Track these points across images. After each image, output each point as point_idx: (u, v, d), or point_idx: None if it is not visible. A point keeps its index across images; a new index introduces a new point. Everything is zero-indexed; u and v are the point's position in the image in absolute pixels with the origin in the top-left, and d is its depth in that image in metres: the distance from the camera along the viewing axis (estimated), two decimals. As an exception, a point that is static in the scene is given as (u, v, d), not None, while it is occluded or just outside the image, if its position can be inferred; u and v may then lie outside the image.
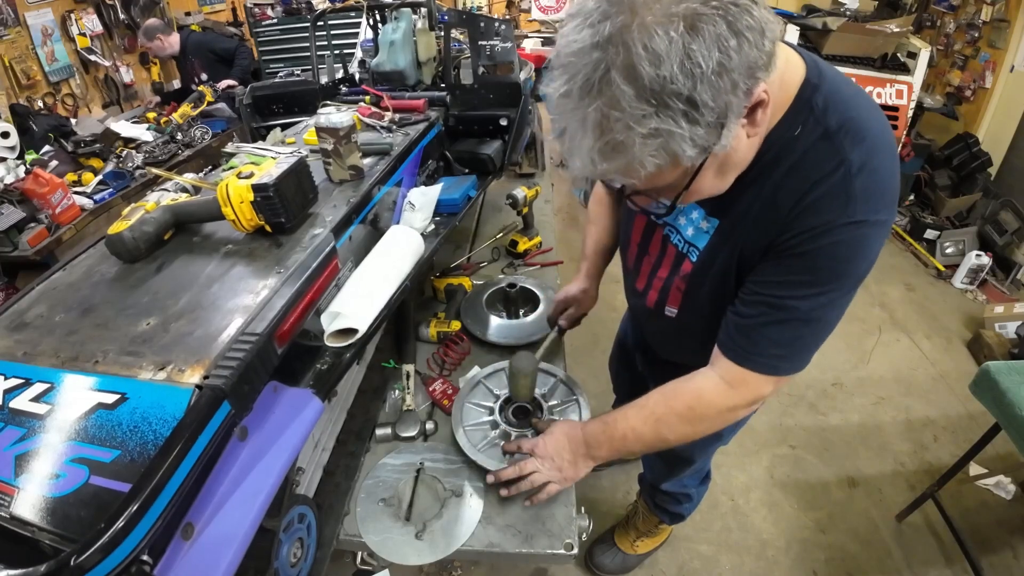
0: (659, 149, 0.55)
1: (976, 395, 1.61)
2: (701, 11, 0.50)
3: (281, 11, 4.94)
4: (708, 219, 0.83)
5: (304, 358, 0.98)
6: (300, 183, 1.01)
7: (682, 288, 0.93)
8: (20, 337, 0.83)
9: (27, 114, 3.11)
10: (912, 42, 3.01)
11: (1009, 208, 3.20)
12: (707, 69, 0.51)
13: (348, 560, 1.22)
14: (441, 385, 1.32)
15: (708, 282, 0.87)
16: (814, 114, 0.69)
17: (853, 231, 0.68)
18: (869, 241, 0.70)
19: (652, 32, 0.50)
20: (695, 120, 0.54)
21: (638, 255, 1.03)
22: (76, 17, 3.84)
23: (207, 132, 3.16)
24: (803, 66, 0.71)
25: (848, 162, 0.67)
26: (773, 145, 0.71)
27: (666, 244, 0.94)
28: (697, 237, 0.86)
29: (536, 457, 1.01)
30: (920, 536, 1.89)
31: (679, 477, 1.47)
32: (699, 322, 0.96)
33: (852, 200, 0.67)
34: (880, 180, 0.68)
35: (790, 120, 0.70)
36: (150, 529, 0.58)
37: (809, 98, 0.69)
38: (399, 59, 1.81)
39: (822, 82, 0.70)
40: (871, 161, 0.68)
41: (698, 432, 0.89)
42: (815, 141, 0.69)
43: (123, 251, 0.96)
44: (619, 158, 0.57)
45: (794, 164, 0.70)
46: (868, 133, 0.69)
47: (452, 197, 1.52)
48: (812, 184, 0.68)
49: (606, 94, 0.53)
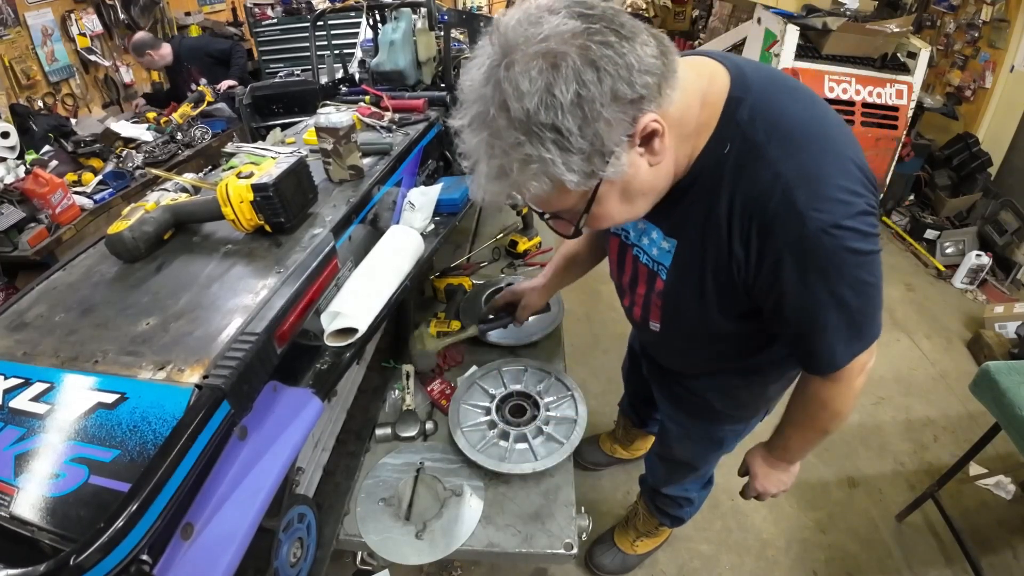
0: (538, 173, 0.61)
1: (976, 395, 1.61)
2: (560, 49, 0.56)
3: (281, 11, 4.94)
4: (667, 239, 0.85)
5: (304, 358, 0.98)
6: (300, 183, 1.01)
7: (659, 304, 0.95)
8: (20, 337, 0.83)
9: (27, 114, 3.11)
10: (912, 42, 3.01)
11: (1009, 208, 3.20)
12: (565, 100, 0.56)
13: (348, 560, 1.22)
14: (439, 385, 1.32)
15: (683, 300, 0.89)
16: (740, 129, 0.69)
17: (824, 238, 0.67)
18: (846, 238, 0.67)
19: (516, 71, 0.57)
20: (565, 148, 0.59)
21: (619, 273, 1.05)
22: (76, 17, 3.84)
23: (207, 132, 3.16)
24: (727, 81, 0.71)
25: (782, 175, 0.66)
26: (706, 166, 0.72)
27: (637, 264, 0.96)
28: (662, 256, 0.88)
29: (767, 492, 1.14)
30: (920, 536, 1.89)
31: (681, 482, 1.47)
32: (680, 336, 1.00)
33: (803, 215, 0.66)
34: (825, 185, 0.67)
35: (718, 139, 0.70)
36: (149, 529, 0.59)
37: (734, 113, 0.69)
38: (399, 59, 1.81)
39: (747, 93, 0.70)
40: (808, 169, 0.67)
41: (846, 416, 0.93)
42: (746, 156, 0.69)
43: (123, 251, 0.96)
44: (504, 180, 0.63)
45: (732, 183, 0.70)
46: (801, 139, 0.68)
47: (452, 197, 1.52)
48: (757, 206, 0.69)
49: (490, 126, 0.60)
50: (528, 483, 1.10)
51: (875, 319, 0.79)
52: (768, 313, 0.80)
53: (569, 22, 0.57)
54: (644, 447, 2.07)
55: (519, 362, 1.33)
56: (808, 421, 0.96)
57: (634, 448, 2.05)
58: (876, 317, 0.79)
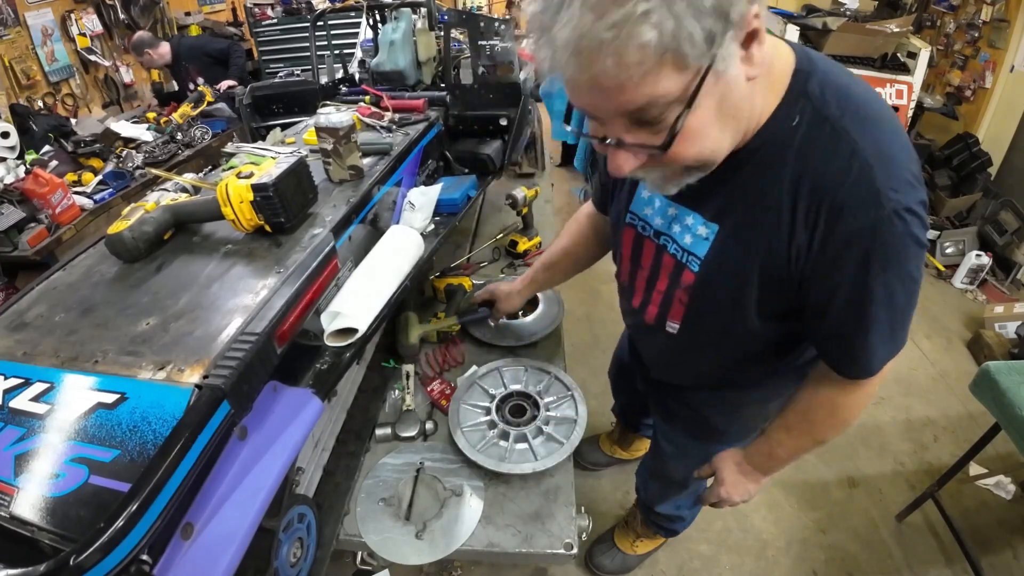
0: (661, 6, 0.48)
1: (976, 395, 1.61)
2: None
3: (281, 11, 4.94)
4: (707, 224, 0.78)
5: (304, 358, 0.98)
6: (300, 183, 1.01)
7: (684, 301, 0.87)
8: (20, 337, 0.83)
9: (27, 114, 3.11)
10: (912, 42, 3.01)
11: (1009, 208, 3.20)
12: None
13: (348, 560, 1.22)
14: (439, 385, 1.32)
15: (717, 294, 0.81)
16: (811, 101, 0.65)
17: (896, 222, 0.63)
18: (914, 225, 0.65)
19: None
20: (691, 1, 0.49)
21: (631, 271, 0.97)
22: (76, 17, 3.84)
23: (207, 132, 3.16)
24: (792, 54, 0.68)
25: (860, 151, 0.62)
26: (769, 139, 0.66)
27: (660, 255, 0.88)
28: (696, 245, 0.80)
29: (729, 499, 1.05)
30: (920, 536, 1.89)
31: (673, 500, 1.47)
32: (703, 339, 0.92)
33: (880, 193, 0.62)
34: (899, 166, 0.64)
35: (785, 110, 0.66)
36: (149, 529, 0.59)
37: (803, 85, 0.65)
38: (399, 59, 1.81)
39: (814, 68, 0.66)
40: (885, 148, 0.63)
41: (850, 425, 0.90)
42: (819, 130, 0.64)
43: (123, 251, 0.96)
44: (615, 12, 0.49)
45: (800, 158, 0.65)
46: (874, 116, 0.65)
47: (452, 197, 1.52)
48: (831, 183, 0.64)
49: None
50: (528, 483, 1.10)
51: (908, 326, 0.76)
52: (815, 307, 0.74)
53: None
54: (643, 447, 2.07)
55: (519, 362, 1.33)
56: (808, 428, 0.91)
57: (633, 449, 2.05)
58: (909, 323, 0.76)
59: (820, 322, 0.76)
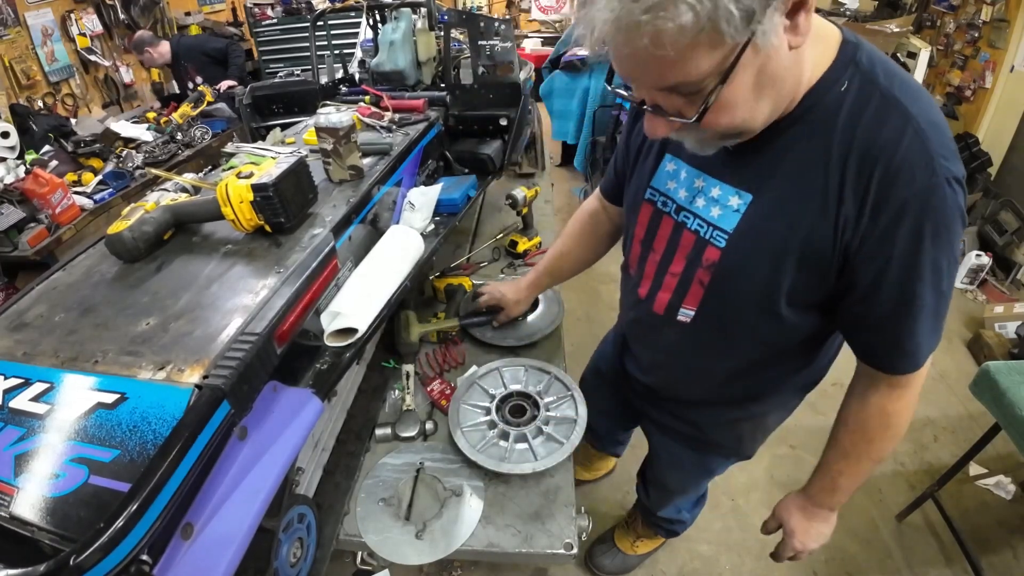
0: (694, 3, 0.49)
1: (976, 395, 1.61)
2: None
3: (281, 11, 4.95)
4: (739, 193, 0.74)
5: (304, 358, 0.97)
6: (300, 183, 1.01)
7: (705, 282, 0.82)
8: (20, 337, 0.83)
9: (27, 114, 3.11)
10: (912, 42, 3.01)
11: (1009, 208, 3.20)
12: None
13: (348, 560, 1.22)
14: (439, 385, 1.32)
15: (744, 273, 0.77)
16: (860, 70, 0.65)
17: (947, 190, 0.63)
18: (959, 198, 0.65)
19: None
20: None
21: (642, 254, 0.93)
22: (76, 17, 3.84)
23: (207, 132, 3.17)
24: (836, 28, 0.68)
25: (914, 118, 0.62)
26: (820, 101, 0.66)
27: (679, 233, 0.84)
28: (724, 218, 0.76)
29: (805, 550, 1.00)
30: (920, 536, 1.89)
31: (674, 503, 1.47)
32: (718, 330, 0.87)
33: (934, 159, 0.62)
34: (945, 133, 0.65)
35: (835, 74, 0.65)
36: (149, 529, 0.58)
37: (853, 54, 0.66)
38: (399, 59, 1.81)
39: (860, 42, 0.67)
40: (933, 115, 0.64)
41: (903, 432, 0.86)
42: (869, 96, 0.64)
43: (123, 251, 0.96)
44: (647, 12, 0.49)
45: (850, 123, 0.64)
46: (919, 89, 0.66)
47: (452, 197, 1.52)
48: (885, 149, 0.63)
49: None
50: (528, 483, 1.10)
51: (945, 318, 0.74)
52: (863, 289, 0.70)
53: None
54: (605, 467, 2.06)
55: (519, 362, 1.33)
56: (866, 447, 0.86)
57: (595, 469, 2.04)
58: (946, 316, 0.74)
59: (867, 308, 0.72)
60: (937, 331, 0.74)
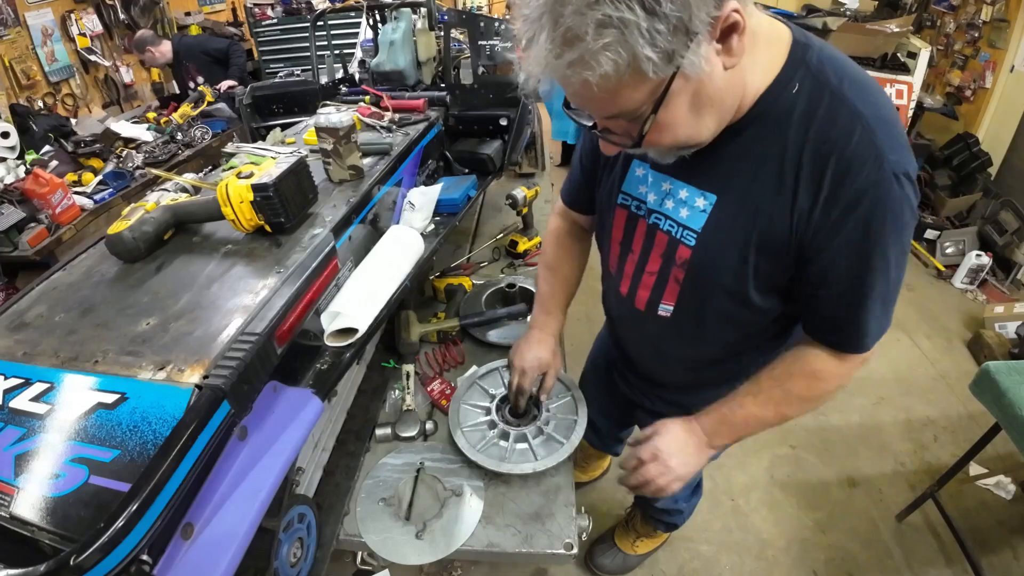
0: (615, 45, 0.53)
1: (976, 395, 1.61)
2: None
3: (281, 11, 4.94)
4: (704, 195, 0.78)
5: (304, 358, 0.98)
6: (300, 183, 1.01)
7: (680, 278, 0.86)
8: (20, 337, 0.83)
9: (27, 114, 3.11)
10: (912, 42, 3.01)
11: (1009, 208, 3.20)
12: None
13: (348, 560, 1.22)
14: (439, 385, 1.32)
15: (714, 267, 0.81)
16: (810, 71, 0.67)
17: (897, 185, 0.66)
18: (911, 189, 0.68)
19: None
20: (652, 10, 0.51)
21: (621, 254, 0.95)
22: (76, 17, 3.84)
23: (207, 132, 3.17)
24: (788, 29, 0.70)
25: (863, 116, 0.65)
26: (772, 104, 0.68)
27: (653, 233, 0.87)
28: (692, 218, 0.80)
29: (659, 461, 0.94)
30: (920, 536, 1.89)
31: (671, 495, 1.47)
32: (698, 320, 0.90)
33: (882, 154, 0.65)
34: (897, 130, 0.67)
35: (786, 77, 0.68)
36: (150, 529, 0.59)
37: (803, 55, 0.68)
38: (399, 59, 1.81)
39: (810, 42, 0.69)
40: (882, 112, 0.66)
41: (818, 405, 0.89)
42: (819, 96, 0.67)
43: (123, 251, 0.96)
44: (572, 51, 0.54)
45: (803, 122, 0.67)
46: (868, 85, 0.68)
47: (452, 197, 1.52)
48: (836, 146, 0.66)
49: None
50: (528, 483, 1.10)
51: (895, 303, 0.78)
52: (814, 275, 0.74)
53: None
54: (601, 467, 2.06)
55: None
56: (780, 396, 0.87)
57: (591, 469, 2.04)
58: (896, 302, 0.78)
59: (817, 292, 0.77)
60: (886, 316, 0.78)
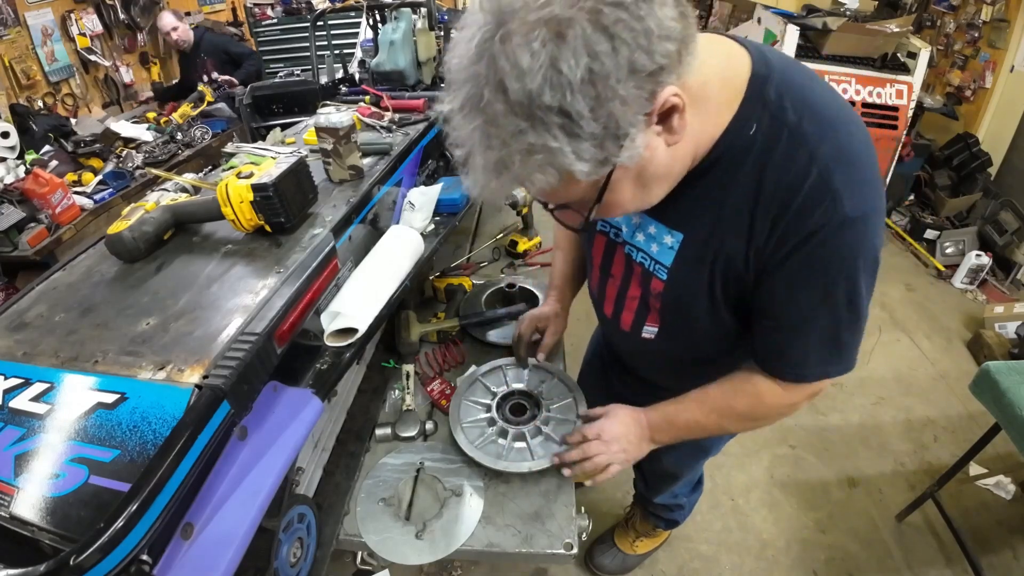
0: (544, 165, 0.54)
1: (976, 395, 1.61)
2: (566, 15, 0.48)
3: (281, 11, 4.95)
4: (671, 233, 0.78)
5: (304, 358, 0.98)
6: (300, 183, 1.01)
7: (657, 308, 0.88)
8: (20, 337, 0.83)
9: (27, 114, 3.11)
10: (912, 42, 3.01)
11: (1009, 208, 3.20)
12: (575, 78, 0.48)
13: (348, 560, 1.22)
14: (439, 385, 1.32)
15: (688, 299, 0.82)
16: (769, 108, 0.64)
17: (849, 229, 0.64)
18: (868, 232, 0.66)
19: (515, 44, 0.48)
20: (575, 134, 0.51)
21: (601, 278, 0.97)
22: (76, 17, 3.84)
23: (207, 132, 3.17)
24: (748, 59, 0.66)
25: (819, 156, 0.63)
26: (729, 148, 0.67)
27: (631, 262, 0.88)
28: (662, 254, 0.81)
29: (601, 440, 0.99)
30: (920, 536, 1.89)
31: (670, 490, 1.47)
32: (681, 344, 0.93)
33: (838, 198, 0.63)
34: (859, 169, 0.64)
35: (743, 118, 0.65)
36: (149, 529, 0.59)
37: (760, 91, 0.65)
38: (399, 59, 1.81)
39: (771, 72, 0.65)
40: (844, 151, 0.64)
41: (758, 426, 0.90)
42: (777, 136, 0.64)
43: (123, 251, 0.96)
44: (505, 175, 0.55)
45: (759, 165, 0.65)
46: (832, 120, 0.65)
47: (452, 197, 1.52)
48: (789, 187, 0.64)
49: (485, 111, 0.52)
50: (528, 483, 1.10)
51: (854, 349, 0.76)
52: (759, 298, 0.75)
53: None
54: None
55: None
56: (723, 410, 0.89)
57: None
58: (855, 347, 0.76)
59: (760, 320, 0.78)
60: (837, 354, 0.77)
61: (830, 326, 0.73)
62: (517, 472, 1.08)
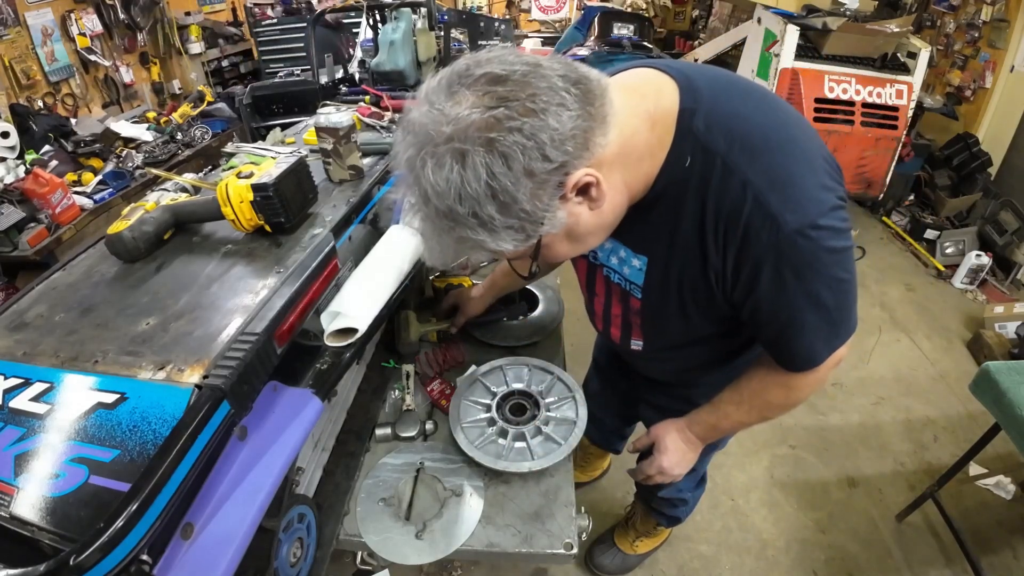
0: (476, 248, 0.64)
1: (976, 395, 1.61)
2: (464, 147, 0.56)
3: (281, 11, 4.94)
4: (637, 257, 0.83)
5: (304, 358, 0.98)
6: (300, 183, 1.01)
7: (638, 323, 0.94)
8: (20, 337, 0.83)
9: (27, 114, 3.11)
10: (912, 42, 3.01)
11: (1009, 208, 3.20)
12: (480, 193, 0.57)
13: (348, 560, 1.22)
14: (439, 385, 1.32)
15: (664, 315, 0.87)
16: (700, 140, 0.67)
17: (801, 239, 0.66)
18: (824, 232, 0.67)
19: (431, 168, 0.58)
20: (492, 229, 0.60)
21: (588, 296, 1.04)
22: (76, 17, 3.83)
23: (207, 132, 3.17)
24: (677, 93, 0.69)
25: (751, 182, 0.65)
26: (669, 183, 0.70)
27: (610, 283, 0.94)
28: (633, 275, 0.86)
29: (664, 473, 1.08)
30: (920, 536, 1.89)
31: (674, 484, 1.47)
32: (667, 354, 0.99)
33: (779, 220, 0.65)
34: (795, 186, 0.66)
35: (677, 154, 0.69)
36: (149, 529, 0.59)
37: (689, 126, 0.67)
38: (399, 59, 1.81)
39: (699, 102, 0.68)
40: (776, 174, 0.66)
41: (796, 406, 0.94)
42: (711, 166, 0.67)
43: (123, 251, 0.96)
44: (448, 253, 0.67)
45: (699, 195, 0.69)
46: (760, 146, 0.67)
47: (452, 197, 1.52)
48: (729, 216, 0.67)
49: (421, 210, 0.63)
50: (528, 483, 1.10)
51: (851, 314, 0.79)
52: (747, 318, 0.79)
53: (473, 113, 0.56)
54: (601, 467, 2.07)
55: (523, 361, 1.33)
56: (760, 404, 0.94)
57: (591, 469, 2.04)
58: (852, 312, 0.79)
59: (757, 329, 0.82)
60: (834, 334, 0.80)
61: (822, 317, 0.75)
62: (517, 472, 1.08)
